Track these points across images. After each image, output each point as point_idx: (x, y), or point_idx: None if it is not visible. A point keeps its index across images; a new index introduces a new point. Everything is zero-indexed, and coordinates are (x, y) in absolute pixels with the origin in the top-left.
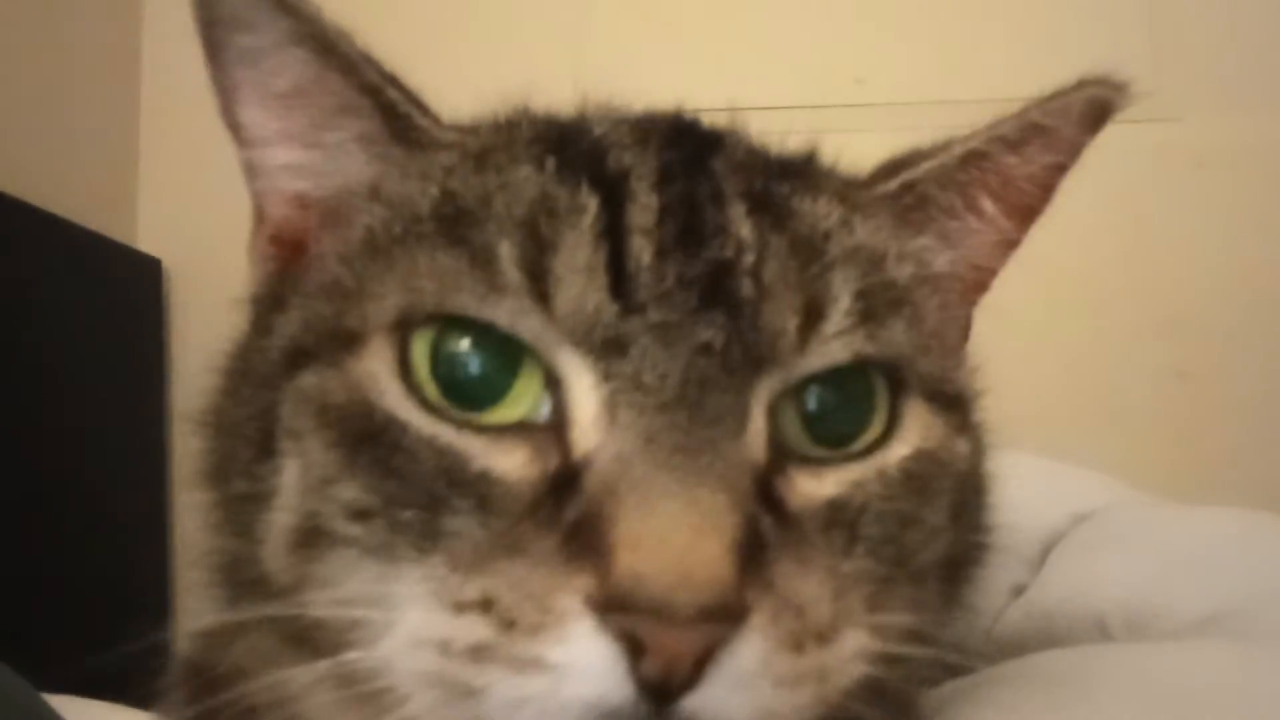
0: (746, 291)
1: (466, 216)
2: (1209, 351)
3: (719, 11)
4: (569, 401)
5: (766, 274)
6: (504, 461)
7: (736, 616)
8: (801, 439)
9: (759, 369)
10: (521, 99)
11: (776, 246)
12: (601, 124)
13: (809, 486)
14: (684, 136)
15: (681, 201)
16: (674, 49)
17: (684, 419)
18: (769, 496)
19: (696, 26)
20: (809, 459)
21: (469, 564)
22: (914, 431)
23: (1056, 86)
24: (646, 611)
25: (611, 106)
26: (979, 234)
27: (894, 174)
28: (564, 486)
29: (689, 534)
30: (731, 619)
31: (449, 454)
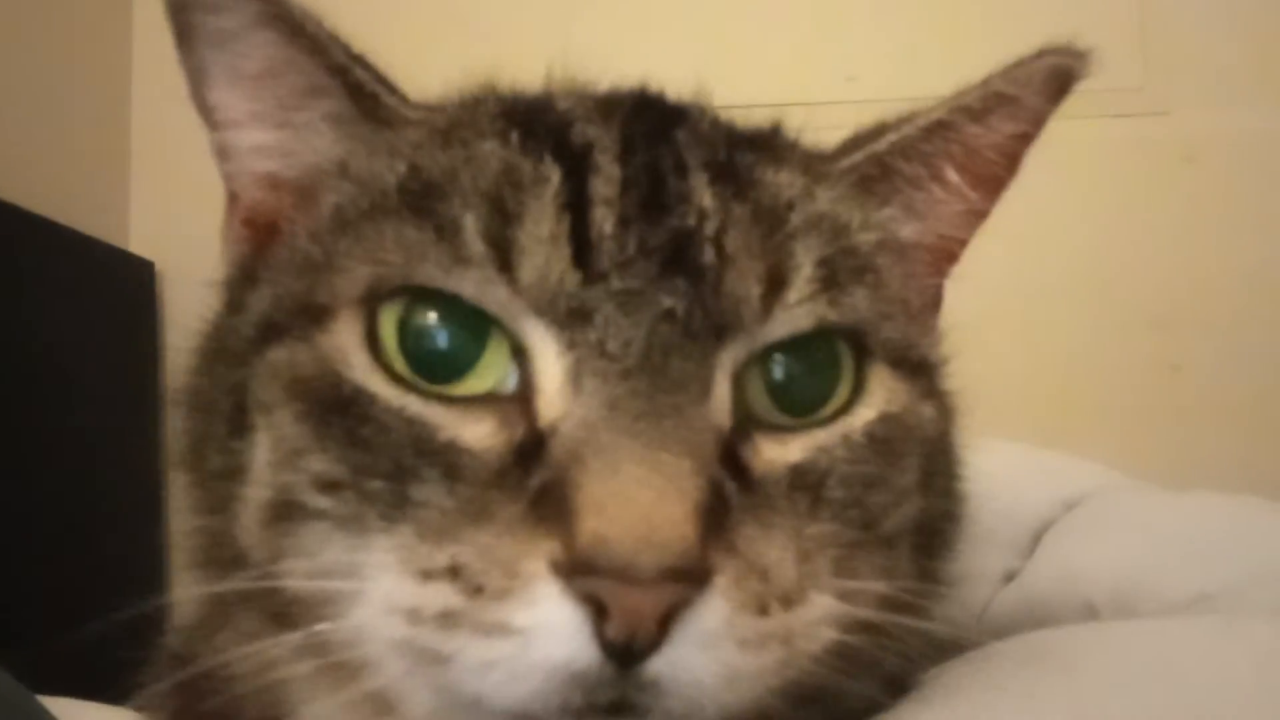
0: (709, 259)
1: (433, 190)
2: (1202, 345)
3: (709, 8)
4: (534, 371)
5: (729, 242)
6: (471, 431)
7: (699, 578)
8: (767, 407)
9: (722, 336)
10: (488, 78)
11: (739, 215)
12: (566, 99)
13: (774, 452)
14: (648, 110)
15: (644, 172)
16: (663, 45)
17: (647, 385)
18: (734, 462)
19: (686, 23)
20: (775, 426)
21: (437, 532)
22: (879, 396)
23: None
24: (610, 574)
25: (577, 83)
26: (945, 204)
27: (859, 147)
28: (530, 455)
29: (652, 496)
30: (694, 580)
31: (416, 424)
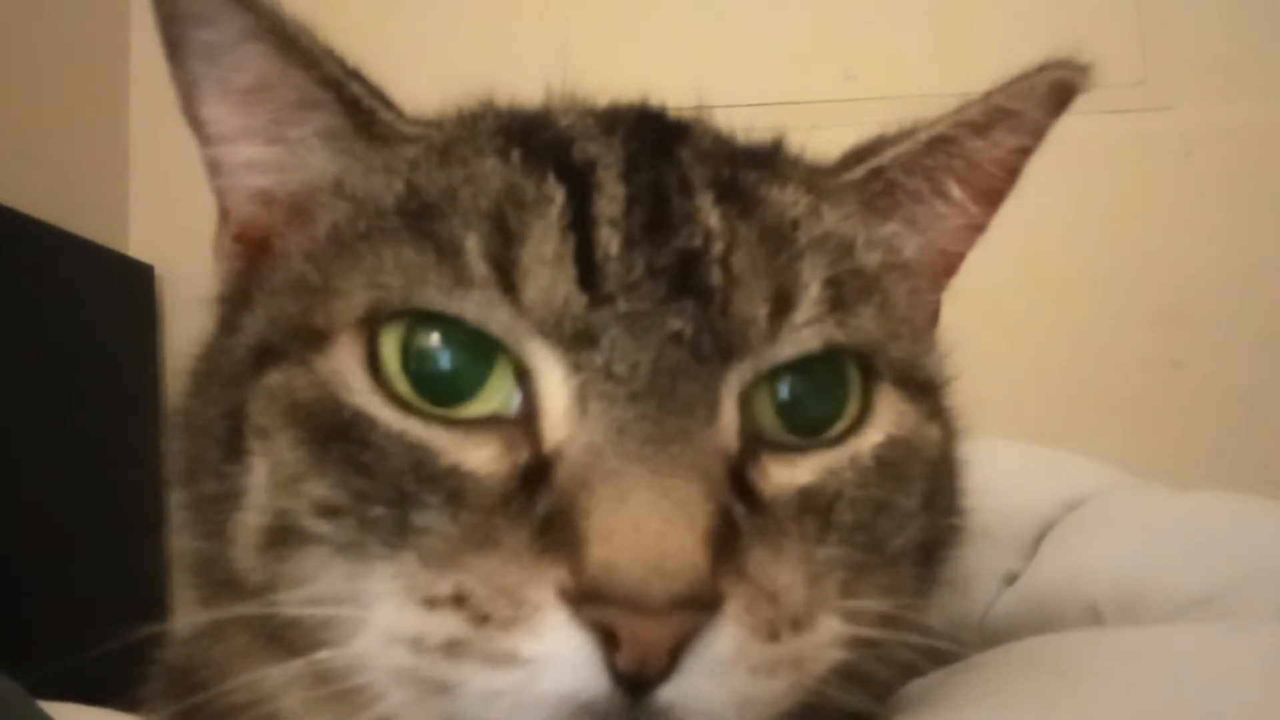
0: (716, 280)
1: (432, 210)
2: (1203, 340)
3: (708, 7)
4: (539, 394)
5: (735, 262)
6: (474, 456)
7: (710, 605)
8: (775, 427)
9: (729, 358)
10: (487, 92)
11: (745, 235)
12: (567, 115)
13: (782, 475)
14: (650, 126)
15: (649, 191)
16: (661, 45)
17: (655, 409)
18: (742, 485)
19: (684, 22)
20: (782, 447)
21: (441, 559)
22: (886, 418)
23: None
24: (620, 602)
25: (577, 98)
26: (946, 219)
27: (860, 161)
28: (535, 479)
29: (661, 523)
30: (705, 608)
31: (418, 449)
